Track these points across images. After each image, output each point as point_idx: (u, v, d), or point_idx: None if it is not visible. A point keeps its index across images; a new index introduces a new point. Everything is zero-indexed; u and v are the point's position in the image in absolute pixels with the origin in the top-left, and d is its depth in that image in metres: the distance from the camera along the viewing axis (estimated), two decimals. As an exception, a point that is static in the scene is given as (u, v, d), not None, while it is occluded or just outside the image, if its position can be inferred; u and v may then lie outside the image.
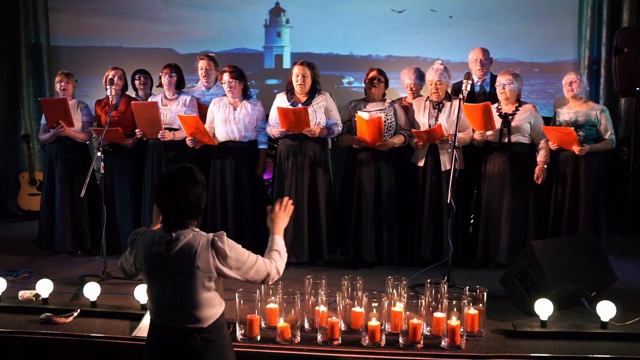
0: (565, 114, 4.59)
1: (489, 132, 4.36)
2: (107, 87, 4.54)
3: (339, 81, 6.95)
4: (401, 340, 2.99)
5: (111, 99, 4.46)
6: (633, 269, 4.60)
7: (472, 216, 4.85)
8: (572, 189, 4.49)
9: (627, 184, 5.77)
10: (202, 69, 4.90)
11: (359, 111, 4.45)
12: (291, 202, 2.51)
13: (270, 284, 2.41)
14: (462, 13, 6.66)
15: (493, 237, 4.48)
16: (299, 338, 3.04)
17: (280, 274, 2.36)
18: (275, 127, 4.47)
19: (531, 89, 6.59)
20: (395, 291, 3.24)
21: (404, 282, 3.26)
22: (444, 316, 3.03)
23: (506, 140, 4.43)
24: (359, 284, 3.35)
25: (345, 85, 6.96)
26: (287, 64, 6.94)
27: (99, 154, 4.19)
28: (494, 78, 4.75)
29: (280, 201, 2.48)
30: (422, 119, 4.54)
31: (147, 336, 2.31)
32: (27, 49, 7.11)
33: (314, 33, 6.87)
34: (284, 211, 2.47)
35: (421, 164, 4.55)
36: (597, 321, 3.20)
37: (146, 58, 6.53)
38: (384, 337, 3.01)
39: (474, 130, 4.41)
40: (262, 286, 3.16)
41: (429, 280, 3.28)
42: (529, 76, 6.45)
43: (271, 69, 7.05)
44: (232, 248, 2.22)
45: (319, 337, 3.03)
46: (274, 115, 4.50)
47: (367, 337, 2.98)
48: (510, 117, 4.45)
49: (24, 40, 7.08)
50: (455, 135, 4.04)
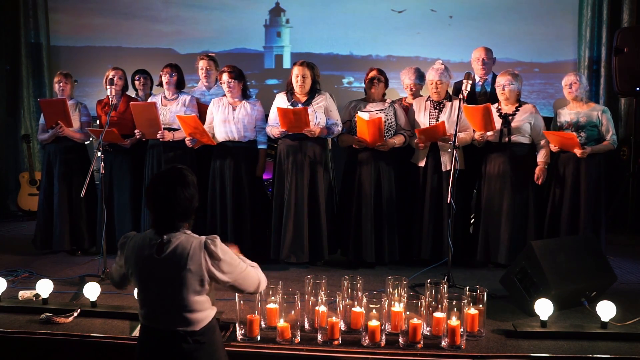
0: (566, 115, 4.56)
1: (489, 133, 4.36)
2: (107, 87, 4.54)
3: (339, 81, 6.95)
4: (401, 340, 2.99)
5: (111, 99, 4.47)
6: (633, 269, 4.60)
7: (472, 216, 4.85)
8: (573, 189, 4.48)
9: (627, 184, 5.77)
10: (202, 69, 4.90)
11: (359, 112, 4.44)
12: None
13: (257, 293, 2.39)
14: (462, 13, 6.66)
15: (493, 237, 4.48)
16: (299, 338, 3.04)
17: (265, 282, 2.36)
18: (275, 127, 4.46)
19: (531, 89, 6.59)
20: (395, 291, 3.23)
21: (404, 282, 3.25)
22: (444, 316, 3.03)
23: (506, 141, 4.43)
24: (359, 284, 3.34)
25: (345, 85, 6.96)
26: (287, 64, 6.94)
27: (99, 154, 4.19)
28: (495, 78, 4.74)
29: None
30: (423, 119, 4.54)
31: (137, 341, 2.28)
32: (27, 49, 7.11)
33: (314, 33, 6.87)
34: None
35: (422, 164, 4.55)
36: (597, 321, 3.20)
37: (146, 58, 6.53)
38: (384, 337, 3.01)
39: (474, 130, 4.41)
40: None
41: (429, 280, 3.27)
42: (529, 76, 6.45)
43: (271, 69, 7.05)
44: (225, 252, 2.20)
45: (319, 337, 3.03)
46: (273, 115, 4.50)
47: (367, 337, 2.98)
48: (511, 117, 4.44)
49: (24, 40, 7.08)
50: (455, 135, 4.04)
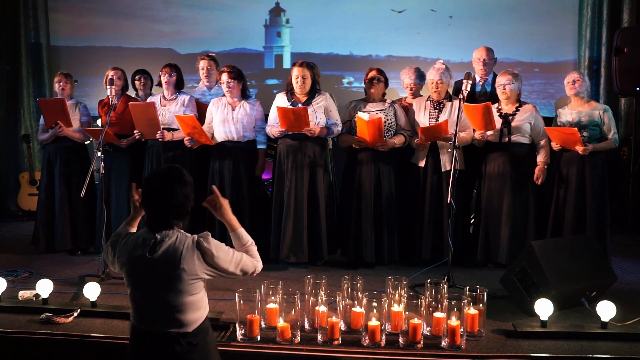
0: (567, 114, 4.53)
1: (489, 132, 4.36)
2: (107, 87, 4.54)
3: (339, 81, 6.95)
4: (401, 340, 2.99)
5: (111, 99, 4.46)
6: (633, 269, 4.60)
7: (472, 216, 4.85)
8: (577, 189, 4.43)
9: (627, 183, 5.77)
10: (203, 69, 4.89)
11: (359, 112, 4.44)
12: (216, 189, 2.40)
13: (254, 275, 2.39)
14: (462, 13, 6.66)
15: (493, 237, 4.47)
16: (299, 338, 3.04)
17: (261, 266, 2.37)
18: (275, 126, 4.46)
19: (531, 89, 6.58)
20: (395, 291, 3.23)
21: (404, 282, 3.25)
22: (444, 316, 3.02)
23: (506, 140, 4.43)
24: (359, 284, 3.34)
25: (345, 85, 6.96)
26: (287, 64, 6.94)
27: (99, 154, 4.18)
28: (496, 78, 4.73)
29: (211, 194, 2.36)
30: (423, 119, 4.53)
31: (128, 344, 2.26)
32: (27, 49, 7.11)
33: (314, 33, 6.86)
34: (223, 201, 2.36)
35: (422, 164, 4.54)
36: (597, 321, 3.20)
37: (146, 58, 6.53)
38: (384, 337, 3.01)
39: (474, 130, 4.41)
40: (262, 286, 3.18)
41: (429, 280, 3.28)
42: (529, 76, 6.45)
43: (271, 69, 7.05)
44: (218, 247, 2.20)
45: (319, 337, 3.03)
46: (273, 115, 4.50)
47: (367, 337, 2.98)
48: (511, 117, 4.44)
49: (24, 40, 7.08)
50: (455, 135, 4.04)
